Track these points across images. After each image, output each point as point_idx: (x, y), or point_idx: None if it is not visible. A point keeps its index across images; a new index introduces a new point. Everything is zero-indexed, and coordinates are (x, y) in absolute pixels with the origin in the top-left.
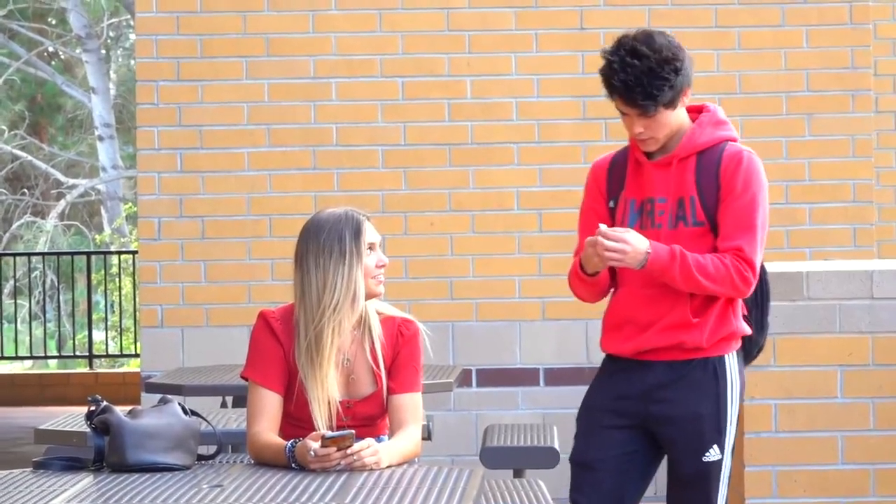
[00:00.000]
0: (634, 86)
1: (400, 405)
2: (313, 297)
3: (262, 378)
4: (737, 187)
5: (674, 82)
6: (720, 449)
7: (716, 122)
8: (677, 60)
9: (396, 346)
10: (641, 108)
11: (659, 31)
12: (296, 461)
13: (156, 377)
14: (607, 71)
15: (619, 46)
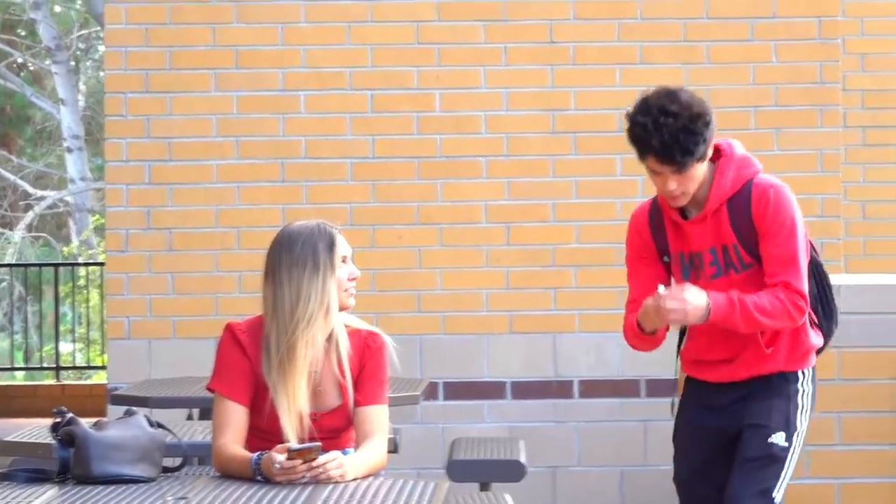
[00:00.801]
0: (672, 144)
1: (366, 417)
2: (286, 310)
3: (229, 390)
4: (772, 225)
5: (707, 136)
6: (786, 438)
7: (737, 165)
8: (706, 114)
9: (363, 358)
10: (679, 164)
11: (676, 86)
12: (261, 474)
13: (122, 389)
14: (641, 133)
15: (647, 108)
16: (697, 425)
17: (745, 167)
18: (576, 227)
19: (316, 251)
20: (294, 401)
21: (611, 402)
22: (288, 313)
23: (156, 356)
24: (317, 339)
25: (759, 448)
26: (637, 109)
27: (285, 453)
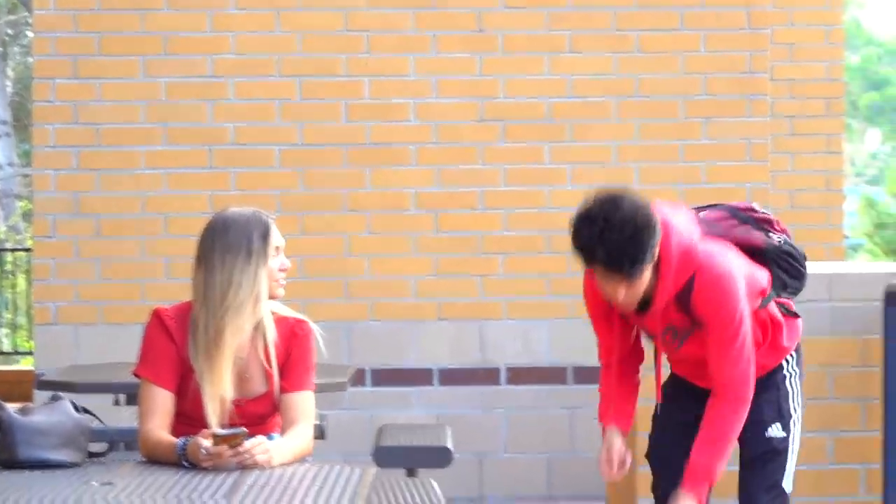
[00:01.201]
0: (619, 256)
1: (292, 404)
2: (216, 295)
3: (154, 376)
4: (711, 322)
5: (653, 243)
6: (783, 428)
7: (677, 262)
8: (651, 221)
9: (289, 346)
10: (628, 275)
11: (618, 191)
12: (187, 459)
13: (48, 374)
14: (586, 245)
15: (591, 219)
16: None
17: (685, 261)
18: (504, 214)
19: (250, 239)
20: (219, 386)
21: (538, 389)
22: (218, 299)
23: (83, 342)
24: (244, 327)
25: (758, 445)
26: (581, 220)
27: (211, 439)
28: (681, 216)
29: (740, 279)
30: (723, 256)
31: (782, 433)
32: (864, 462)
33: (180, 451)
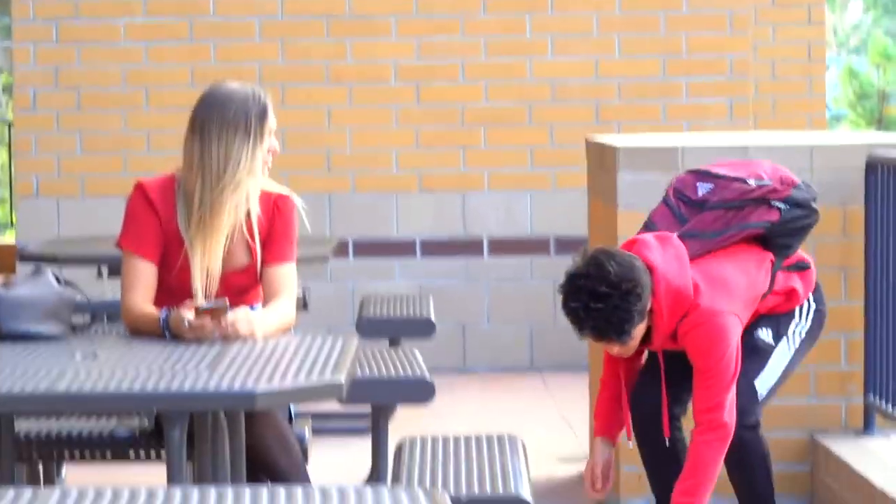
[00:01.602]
0: (606, 327)
1: (274, 276)
2: (213, 169)
3: (137, 247)
4: (699, 363)
5: (640, 306)
6: (773, 338)
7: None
8: (637, 286)
9: (272, 219)
10: (619, 342)
11: (603, 253)
12: (170, 331)
13: (31, 247)
14: (574, 318)
15: (577, 291)
16: None
17: (676, 305)
18: (485, 85)
19: (249, 118)
20: (209, 258)
21: (520, 260)
22: (215, 173)
23: (65, 214)
24: (240, 204)
25: (744, 342)
26: (567, 292)
27: (194, 311)
28: (668, 255)
29: (729, 316)
30: (712, 295)
31: (771, 341)
32: (845, 331)
33: (163, 322)
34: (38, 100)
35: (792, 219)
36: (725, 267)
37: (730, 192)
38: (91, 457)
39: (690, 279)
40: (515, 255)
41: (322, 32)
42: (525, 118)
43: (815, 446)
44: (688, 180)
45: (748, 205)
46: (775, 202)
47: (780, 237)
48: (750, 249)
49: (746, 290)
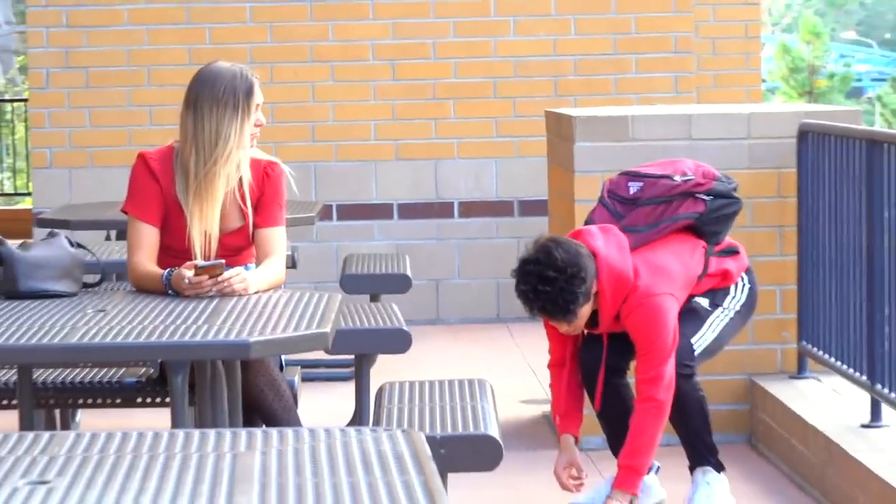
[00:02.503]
0: (553, 308)
1: (265, 238)
2: (205, 142)
3: (141, 212)
4: (640, 339)
5: (584, 288)
6: (710, 305)
7: (612, 290)
8: (581, 271)
9: (262, 185)
10: (565, 321)
11: (552, 241)
12: (172, 288)
13: (45, 213)
14: (524, 299)
15: (526, 276)
16: None
17: (618, 287)
18: (454, 63)
19: (237, 95)
20: (206, 222)
21: (487, 221)
22: (208, 147)
23: (76, 183)
24: (232, 174)
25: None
26: (518, 276)
27: (193, 269)
28: (611, 243)
29: (666, 297)
30: (651, 278)
31: (707, 306)
32: (780, 283)
33: (165, 280)
34: (51, 79)
35: (717, 208)
36: (662, 254)
37: (658, 189)
38: (102, 403)
39: (631, 265)
40: (483, 217)
41: (306, 16)
42: (490, 92)
43: (753, 387)
44: (620, 181)
45: (676, 199)
46: (700, 195)
47: (709, 225)
48: (683, 238)
49: (682, 274)
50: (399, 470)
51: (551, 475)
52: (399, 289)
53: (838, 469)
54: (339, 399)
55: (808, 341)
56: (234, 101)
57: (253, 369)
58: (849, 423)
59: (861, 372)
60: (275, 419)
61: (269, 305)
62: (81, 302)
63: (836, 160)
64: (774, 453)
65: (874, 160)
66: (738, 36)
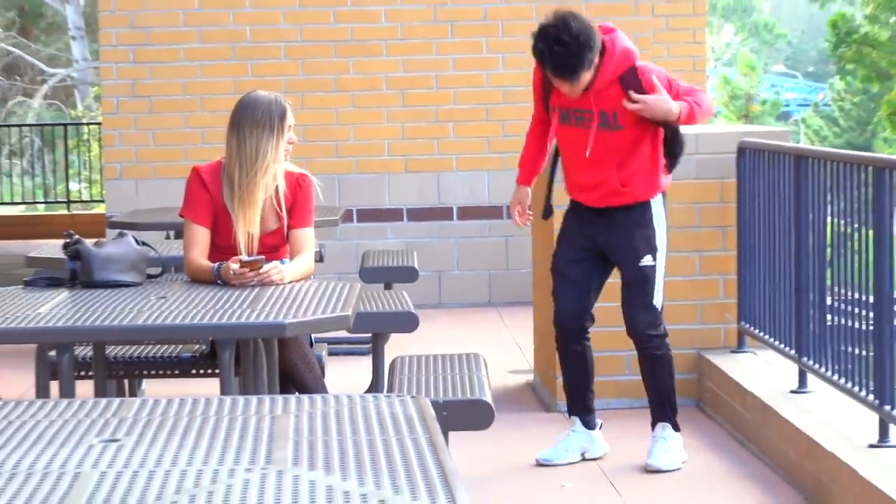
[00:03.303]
0: (563, 66)
1: (297, 237)
2: (247, 158)
3: (195, 216)
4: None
5: (591, 57)
6: (652, 259)
7: (617, 60)
8: (591, 41)
9: (295, 193)
10: (570, 80)
11: (570, 13)
12: (221, 279)
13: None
14: (539, 56)
15: (545, 35)
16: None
17: (623, 59)
18: (453, 92)
19: (272, 118)
20: (248, 224)
21: (481, 223)
22: (249, 161)
23: (141, 192)
24: (269, 184)
25: (633, 272)
26: (537, 34)
27: (238, 263)
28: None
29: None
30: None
31: (651, 262)
32: (722, 273)
33: (216, 272)
34: (120, 106)
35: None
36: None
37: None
38: (163, 374)
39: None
40: (477, 220)
41: (331, 54)
42: (483, 116)
43: (701, 360)
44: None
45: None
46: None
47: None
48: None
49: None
50: (409, 429)
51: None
52: (408, 279)
53: (772, 428)
54: (359, 370)
55: (746, 321)
56: (270, 123)
57: (288, 346)
58: (780, 390)
59: (790, 347)
60: (306, 387)
61: (301, 293)
62: (146, 290)
63: (769, 172)
64: (719, 415)
65: (800, 172)
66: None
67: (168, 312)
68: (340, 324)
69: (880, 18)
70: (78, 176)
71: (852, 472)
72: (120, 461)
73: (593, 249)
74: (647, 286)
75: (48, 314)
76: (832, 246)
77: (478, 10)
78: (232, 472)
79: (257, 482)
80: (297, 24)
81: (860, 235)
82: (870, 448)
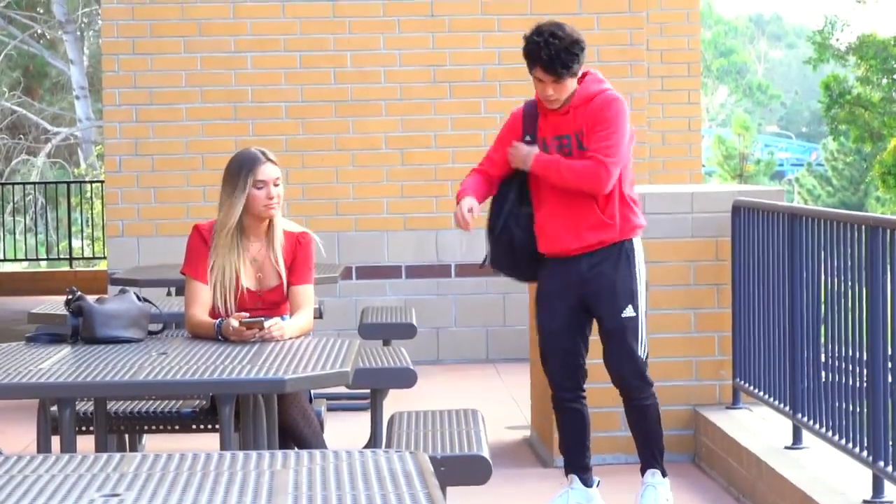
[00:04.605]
0: (556, 58)
1: (297, 294)
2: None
3: (196, 273)
4: (604, 120)
5: (581, 58)
6: (633, 309)
7: (596, 81)
8: (582, 42)
9: (295, 251)
10: (558, 75)
11: (559, 23)
12: (221, 335)
13: (118, 273)
14: (534, 49)
15: (540, 31)
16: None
17: (597, 84)
18: (451, 151)
19: (238, 175)
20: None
21: (478, 280)
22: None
23: (143, 249)
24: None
25: (616, 323)
26: (532, 31)
27: (238, 321)
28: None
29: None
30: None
31: (633, 313)
32: (717, 331)
33: (217, 329)
34: (123, 164)
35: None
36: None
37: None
38: (164, 429)
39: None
40: (475, 277)
41: (331, 113)
42: None
43: (696, 416)
44: None
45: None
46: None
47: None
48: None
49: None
50: (407, 484)
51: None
52: (407, 335)
53: (767, 483)
54: (358, 426)
55: (741, 378)
56: (235, 180)
57: (287, 401)
58: (775, 445)
59: (784, 403)
60: (305, 442)
61: (301, 349)
62: (147, 346)
63: (763, 230)
64: (715, 470)
65: (795, 230)
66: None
67: (169, 368)
68: (339, 380)
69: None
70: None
71: None
72: None
73: (574, 301)
74: (628, 337)
75: (50, 370)
76: (826, 303)
77: (476, 70)
78: None
79: None
80: (298, 85)
81: (854, 293)
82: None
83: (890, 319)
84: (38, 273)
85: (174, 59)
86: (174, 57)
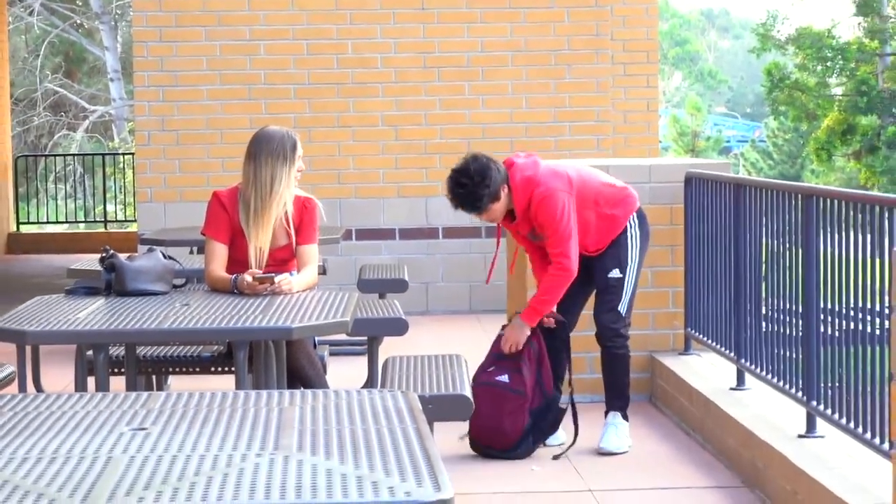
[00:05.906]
0: (464, 205)
1: (303, 252)
2: (263, 184)
3: (215, 234)
4: (543, 223)
5: (488, 193)
6: (620, 272)
7: (521, 190)
8: (486, 179)
9: (301, 214)
10: (477, 211)
11: (471, 156)
12: (237, 289)
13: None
14: (449, 197)
15: (449, 180)
16: None
17: (525, 189)
18: (439, 129)
19: (285, 149)
20: (260, 241)
21: (463, 242)
22: (264, 187)
23: (168, 213)
24: (280, 206)
25: (601, 282)
26: (447, 180)
27: (252, 277)
28: (528, 160)
29: (560, 192)
30: (552, 181)
31: (619, 275)
32: (672, 286)
33: (232, 283)
34: (152, 139)
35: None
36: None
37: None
38: (186, 371)
39: (539, 174)
40: (460, 238)
41: (334, 95)
42: (465, 149)
43: (653, 361)
44: None
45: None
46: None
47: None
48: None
49: (579, 181)
50: (399, 420)
51: None
52: (399, 289)
53: (714, 420)
54: (356, 369)
55: (691, 328)
56: (284, 154)
57: (294, 347)
58: (721, 387)
59: (730, 350)
60: (310, 383)
61: (306, 301)
62: (171, 298)
63: (712, 198)
64: (668, 409)
65: (739, 198)
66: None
67: (191, 317)
68: (340, 328)
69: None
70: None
71: (783, 459)
72: (147, 447)
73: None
74: (612, 294)
75: (86, 319)
76: (766, 262)
77: (461, 57)
78: (244, 456)
79: (266, 466)
80: (305, 69)
81: (791, 253)
82: (799, 438)
83: (822, 276)
84: (77, 234)
85: (196, 47)
86: (196, 44)
